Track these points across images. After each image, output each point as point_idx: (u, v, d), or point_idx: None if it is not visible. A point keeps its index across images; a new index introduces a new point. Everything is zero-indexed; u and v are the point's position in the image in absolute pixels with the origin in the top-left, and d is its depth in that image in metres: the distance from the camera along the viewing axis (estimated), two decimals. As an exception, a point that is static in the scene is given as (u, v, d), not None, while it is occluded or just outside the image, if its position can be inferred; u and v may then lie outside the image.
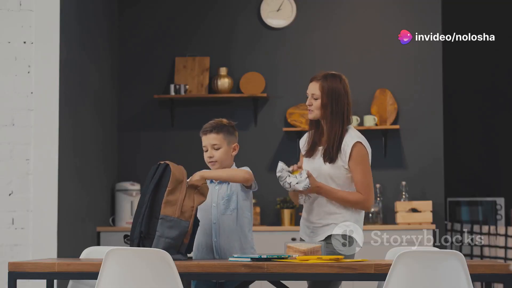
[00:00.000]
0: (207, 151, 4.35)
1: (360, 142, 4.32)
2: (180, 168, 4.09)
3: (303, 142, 4.51)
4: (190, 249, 4.09)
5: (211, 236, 4.32)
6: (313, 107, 4.37)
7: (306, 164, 4.42)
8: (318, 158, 4.38)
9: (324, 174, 4.34)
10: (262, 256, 3.89)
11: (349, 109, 4.37)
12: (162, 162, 4.10)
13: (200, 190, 4.11)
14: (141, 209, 4.04)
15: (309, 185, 4.21)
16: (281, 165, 4.28)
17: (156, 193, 4.04)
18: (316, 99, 4.36)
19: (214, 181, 4.38)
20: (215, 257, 4.30)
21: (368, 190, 4.31)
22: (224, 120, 4.41)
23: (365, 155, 4.33)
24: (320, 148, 4.39)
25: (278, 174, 4.26)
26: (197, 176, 4.16)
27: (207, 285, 4.31)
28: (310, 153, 4.41)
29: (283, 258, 3.94)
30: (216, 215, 4.32)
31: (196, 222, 4.11)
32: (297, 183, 4.21)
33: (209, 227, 4.32)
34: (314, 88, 4.37)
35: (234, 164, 4.44)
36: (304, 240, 4.40)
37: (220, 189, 4.35)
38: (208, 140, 4.33)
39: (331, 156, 4.32)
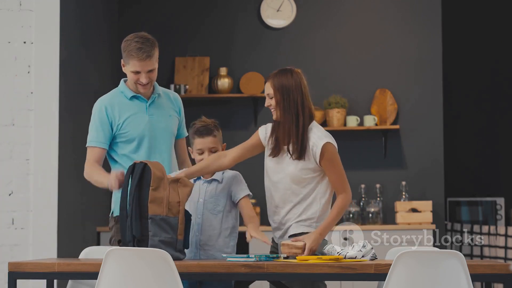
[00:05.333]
0: (202, 153, 4.35)
1: (329, 142, 4.19)
2: (158, 165, 4.07)
3: (264, 134, 4.39)
4: (186, 245, 4.09)
5: (194, 231, 4.34)
6: (273, 107, 4.29)
7: (271, 163, 4.30)
8: (284, 158, 4.26)
9: (289, 176, 4.23)
10: (250, 256, 3.94)
11: (305, 103, 4.24)
12: (137, 162, 4.08)
13: (183, 182, 4.10)
14: (125, 211, 4.02)
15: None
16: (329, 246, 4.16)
17: (139, 193, 4.01)
18: (271, 98, 4.28)
19: (202, 177, 4.38)
20: (196, 251, 4.33)
21: (346, 186, 4.22)
22: (208, 120, 4.43)
23: (336, 153, 4.21)
24: (285, 147, 4.26)
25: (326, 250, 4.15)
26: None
27: (187, 284, 4.32)
28: (275, 152, 4.28)
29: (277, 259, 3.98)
30: (202, 211, 4.34)
31: (187, 217, 4.11)
32: (362, 256, 4.02)
33: (194, 222, 4.34)
34: (268, 88, 4.29)
35: None
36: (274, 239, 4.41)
37: (208, 187, 4.37)
38: (206, 143, 4.35)
39: (298, 154, 4.19)
